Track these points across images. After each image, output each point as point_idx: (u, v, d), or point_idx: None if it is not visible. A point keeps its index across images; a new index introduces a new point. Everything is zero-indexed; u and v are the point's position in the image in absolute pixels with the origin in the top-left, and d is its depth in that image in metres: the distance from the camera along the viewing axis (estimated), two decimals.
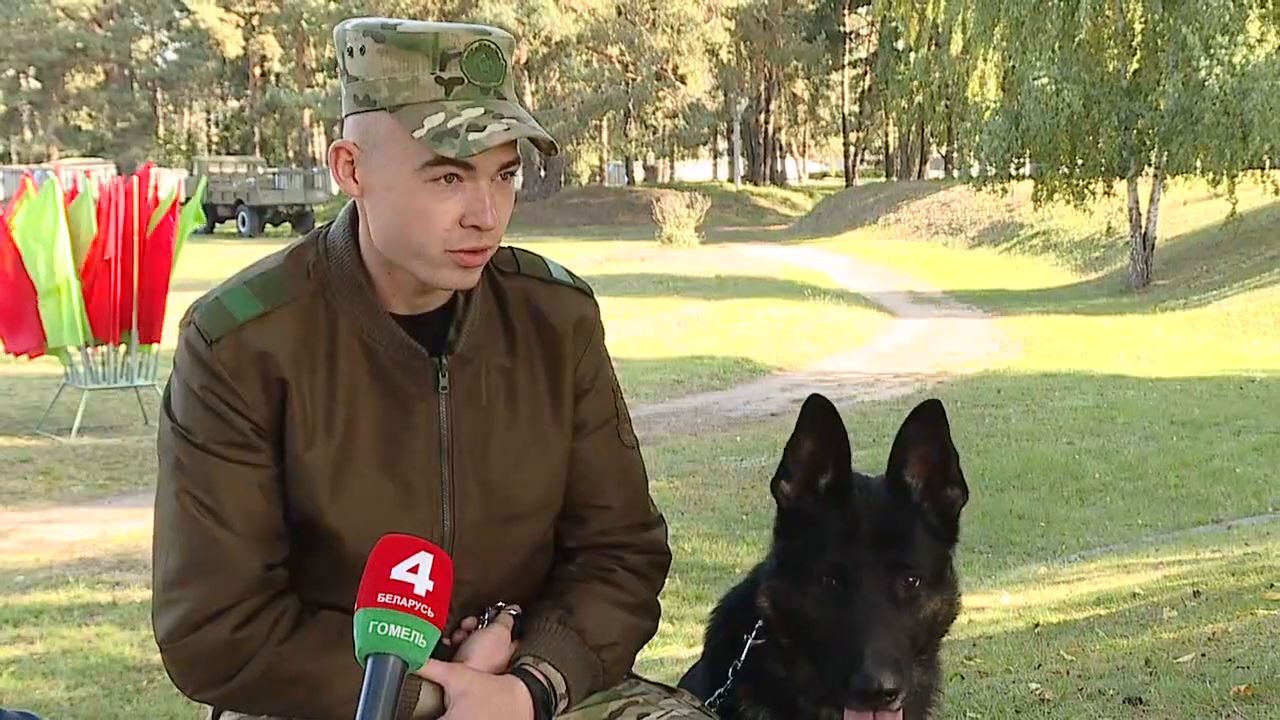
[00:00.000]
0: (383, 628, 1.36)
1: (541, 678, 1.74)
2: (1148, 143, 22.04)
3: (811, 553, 1.76)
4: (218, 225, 39.83)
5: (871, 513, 1.77)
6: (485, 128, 1.60)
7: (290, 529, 1.74)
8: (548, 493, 1.83)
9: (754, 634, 1.83)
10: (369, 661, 1.37)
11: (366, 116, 1.64)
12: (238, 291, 1.72)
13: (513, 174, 1.69)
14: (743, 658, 1.83)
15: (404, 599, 1.37)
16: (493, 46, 1.64)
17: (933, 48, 29.75)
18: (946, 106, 34.49)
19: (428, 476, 1.74)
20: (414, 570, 1.39)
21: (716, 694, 1.85)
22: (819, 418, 1.79)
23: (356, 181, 1.68)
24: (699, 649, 2.06)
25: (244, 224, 39.93)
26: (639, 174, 61.77)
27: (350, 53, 1.65)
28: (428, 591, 1.38)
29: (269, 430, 1.71)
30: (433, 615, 1.38)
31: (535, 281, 1.84)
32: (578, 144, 52.09)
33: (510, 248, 1.86)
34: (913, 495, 1.80)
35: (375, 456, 1.73)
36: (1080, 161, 22.96)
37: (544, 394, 1.82)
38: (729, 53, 49.08)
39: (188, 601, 1.70)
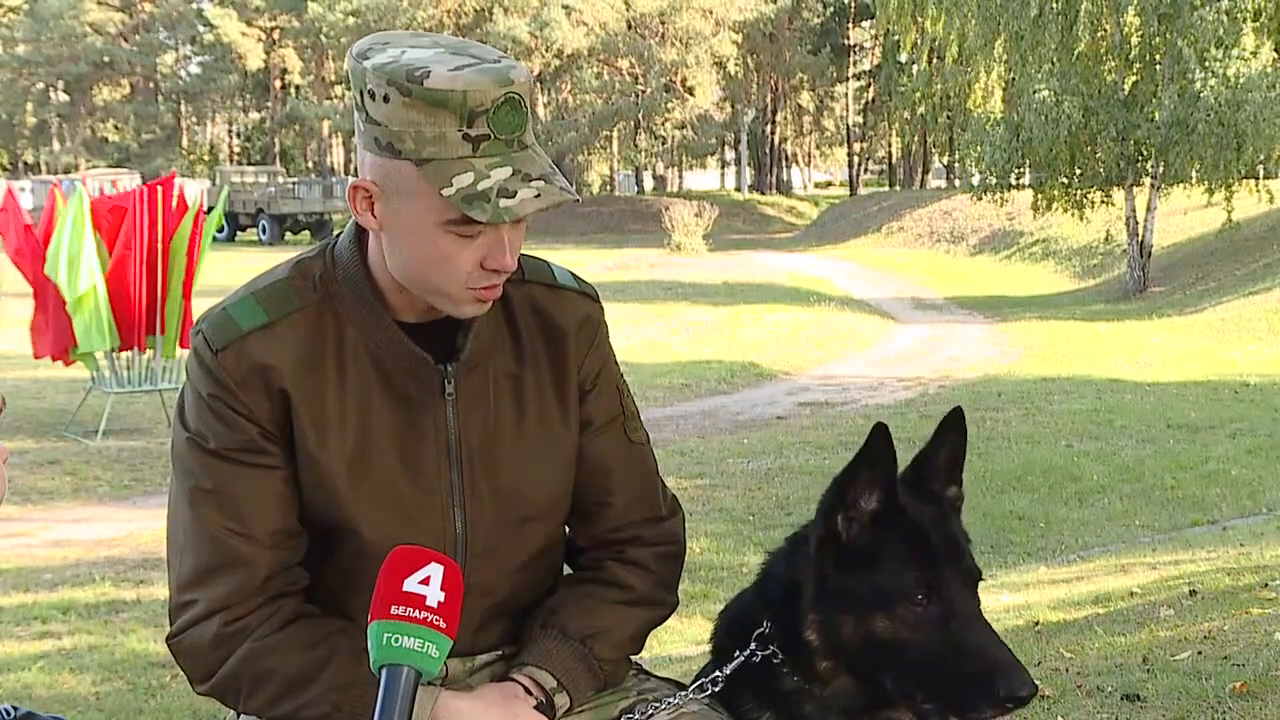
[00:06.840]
0: (396, 639, 1.37)
1: (526, 680, 1.77)
2: (1145, 153, 21.88)
3: (890, 577, 1.73)
4: (239, 233, 40.12)
5: (936, 528, 1.76)
6: (516, 193, 1.58)
7: (312, 532, 1.76)
8: (558, 493, 1.84)
9: (757, 643, 1.83)
10: (383, 672, 1.38)
11: (390, 162, 1.60)
12: (244, 302, 1.73)
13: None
14: (744, 661, 1.83)
15: (416, 611, 1.38)
16: (517, 98, 1.60)
17: (935, 60, 29.69)
18: (948, 118, 34.23)
19: (438, 480, 1.76)
20: (425, 582, 1.40)
21: (710, 678, 1.85)
22: (883, 447, 1.76)
23: (375, 217, 1.66)
24: (705, 647, 2.07)
25: (264, 232, 40.12)
26: (649, 183, 61.52)
27: (371, 95, 1.60)
28: (439, 603, 1.40)
29: (278, 435, 1.72)
30: (445, 626, 1.40)
31: (540, 287, 1.84)
32: (589, 154, 51.97)
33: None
34: (944, 503, 1.80)
35: (389, 458, 1.75)
36: (1079, 171, 22.74)
37: (552, 396, 1.82)
38: (736, 65, 48.93)
39: (202, 603, 1.72)
